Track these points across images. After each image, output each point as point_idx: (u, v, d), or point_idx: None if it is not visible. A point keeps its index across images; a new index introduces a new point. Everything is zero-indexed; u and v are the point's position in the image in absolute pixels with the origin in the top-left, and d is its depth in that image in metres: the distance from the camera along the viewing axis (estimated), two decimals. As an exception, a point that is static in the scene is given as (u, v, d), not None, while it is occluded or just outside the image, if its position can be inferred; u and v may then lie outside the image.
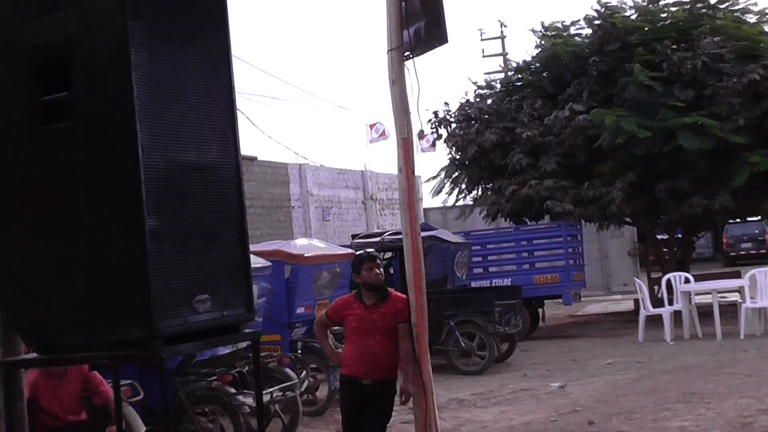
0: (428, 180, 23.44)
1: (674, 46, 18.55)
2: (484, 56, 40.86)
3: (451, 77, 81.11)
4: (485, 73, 28.78)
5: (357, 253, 7.57)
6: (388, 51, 6.95)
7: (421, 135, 7.07)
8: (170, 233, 3.91)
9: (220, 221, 4.26)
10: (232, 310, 4.18)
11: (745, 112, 17.82)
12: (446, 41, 6.85)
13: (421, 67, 7.45)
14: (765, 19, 20.17)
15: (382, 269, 6.98)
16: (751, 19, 20.21)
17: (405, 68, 6.92)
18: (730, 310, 16.57)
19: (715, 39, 18.29)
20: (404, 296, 6.85)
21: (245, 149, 41.40)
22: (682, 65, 18.11)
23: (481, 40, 41.01)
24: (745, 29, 19.33)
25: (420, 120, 6.97)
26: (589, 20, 20.48)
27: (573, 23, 21.12)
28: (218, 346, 7.29)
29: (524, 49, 36.78)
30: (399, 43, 6.89)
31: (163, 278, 3.82)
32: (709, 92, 18.03)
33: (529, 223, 20.34)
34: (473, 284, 17.96)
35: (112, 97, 3.92)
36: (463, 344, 13.80)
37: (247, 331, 4.34)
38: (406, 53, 6.91)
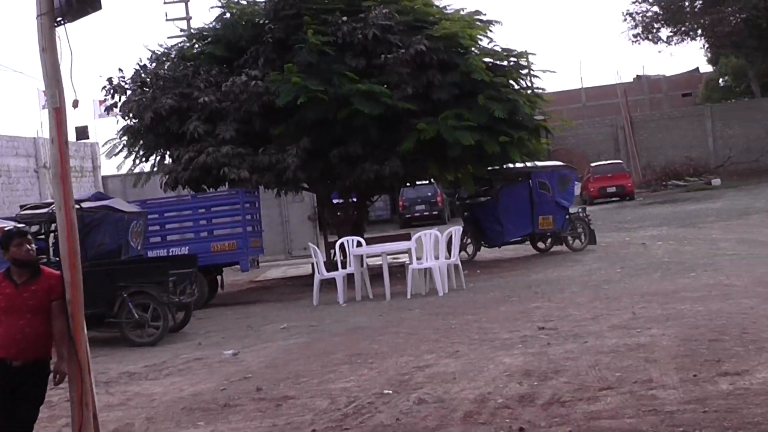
0: (105, 144, 22.66)
1: (345, 18, 19.04)
2: (167, 20, 39.89)
3: (135, 42, 78.82)
4: (168, 37, 28.28)
5: (5, 229, 7.19)
6: (38, 16, 6.62)
7: (75, 104, 6.78)
8: None
9: None
10: None
11: (413, 81, 18.75)
12: (100, 8, 6.66)
13: (88, 33, 7.19)
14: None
15: (33, 245, 6.68)
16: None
17: (56, 35, 6.63)
18: (401, 271, 17.40)
19: (384, 11, 18.99)
20: (57, 273, 6.62)
21: None
22: (353, 35, 18.67)
23: (164, 3, 40.01)
24: (407, 2, 20.15)
25: (74, 89, 6.69)
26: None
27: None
28: None
29: (208, 12, 36.41)
30: (49, 8, 6.59)
31: None
32: (380, 62, 18.74)
33: (208, 190, 20.21)
34: (150, 254, 17.58)
35: None
36: (137, 315, 13.51)
37: None
38: (58, 19, 6.61)
